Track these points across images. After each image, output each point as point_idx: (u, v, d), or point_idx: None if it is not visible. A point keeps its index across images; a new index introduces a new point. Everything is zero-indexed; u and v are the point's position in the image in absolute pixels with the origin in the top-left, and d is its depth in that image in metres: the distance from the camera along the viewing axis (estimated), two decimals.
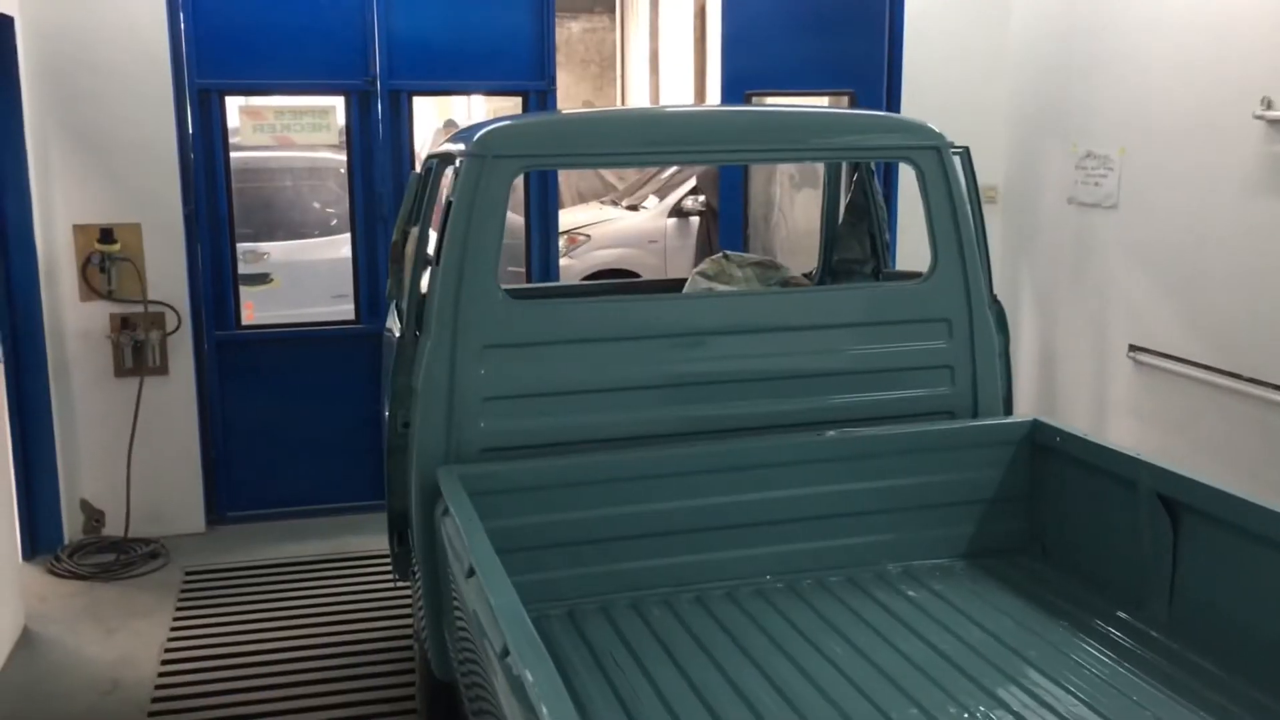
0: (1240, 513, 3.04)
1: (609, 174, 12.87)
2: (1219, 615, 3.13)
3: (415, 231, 3.95)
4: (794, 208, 9.12)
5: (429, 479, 3.43)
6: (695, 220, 10.91)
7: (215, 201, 6.11)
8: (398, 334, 3.76)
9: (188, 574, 5.51)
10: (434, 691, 3.84)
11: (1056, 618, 3.41)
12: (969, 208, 3.91)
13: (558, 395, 3.61)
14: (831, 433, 3.76)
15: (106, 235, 5.74)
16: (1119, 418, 5.98)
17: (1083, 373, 6.30)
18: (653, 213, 11.12)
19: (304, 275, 8.71)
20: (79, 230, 5.75)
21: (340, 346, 6.37)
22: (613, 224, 11.11)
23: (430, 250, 3.70)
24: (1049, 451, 3.79)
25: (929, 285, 3.92)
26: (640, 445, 3.63)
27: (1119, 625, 3.33)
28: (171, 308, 5.88)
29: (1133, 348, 5.83)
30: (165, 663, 4.63)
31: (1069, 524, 3.75)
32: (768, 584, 3.66)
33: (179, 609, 5.12)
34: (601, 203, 12.02)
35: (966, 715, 2.87)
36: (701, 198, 10.86)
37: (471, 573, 2.77)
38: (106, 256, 5.73)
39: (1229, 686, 2.97)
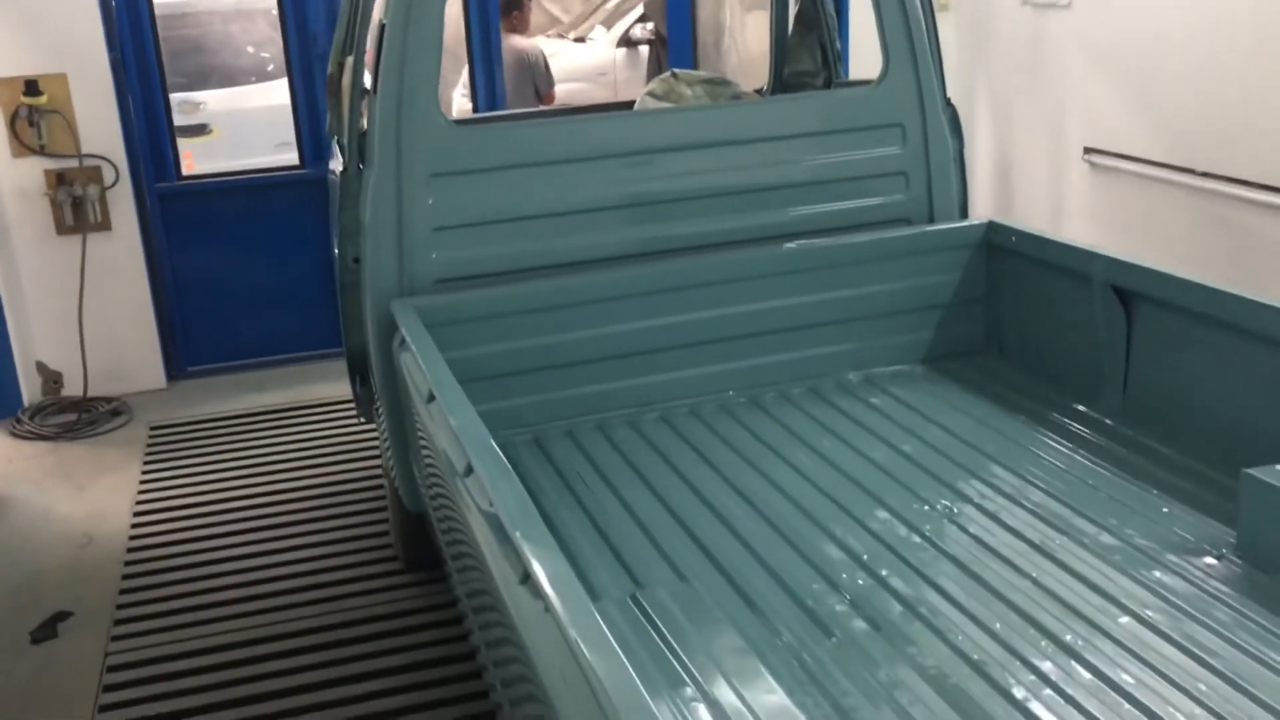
0: (1190, 296, 3.07)
1: (554, 7, 12.45)
2: (1170, 400, 3.20)
3: (350, 61, 3.80)
4: (744, 31, 8.88)
5: (384, 313, 3.38)
6: (645, 50, 10.62)
7: (142, 47, 5.86)
8: (341, 170, 3.67)
9: (153, 429, 5.49)
10: (406, 524, 3.89)
11: (1015, 413, 3.46)
12: (920, 9, 3.80)
13: (509, 222, 3.55)
14: (788, 245, 3.73)
15: (32, 87, 5.51)
16: (1075, 220, 5.99)
17: (1038, 177, 6.28)
18: (600, 44, 10.80)
19: (244, 125, 8.45)
20: (2, 84, 5.51)
21: (287, 193, 6.23)
22: (559, 59, 10.80)
23: (367, 80, 3.57)
24: (1004, 252, 3.79)
25: (881, 90, 3.85)
26: (596, 268, 3.60)
27: (1075, 417, 3.39)
28: (108, 160, 5.69)
29: (1088, 150, 5.79)
30: (138, 514, 4.65)
31: (1025, 323, 3.78)
32: (731, 399, 3.69)
33: (147, 463, 5.13)
34: (547, 36, 11.65)
35: (932, 512, 2.93)
36: (650, 25, 10.55)
37: (431, 398, 2.75)
38: (34, 110, 5.51)
39: (1180, 465, 3.05)
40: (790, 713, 1.86)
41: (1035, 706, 2.18)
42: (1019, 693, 2.22)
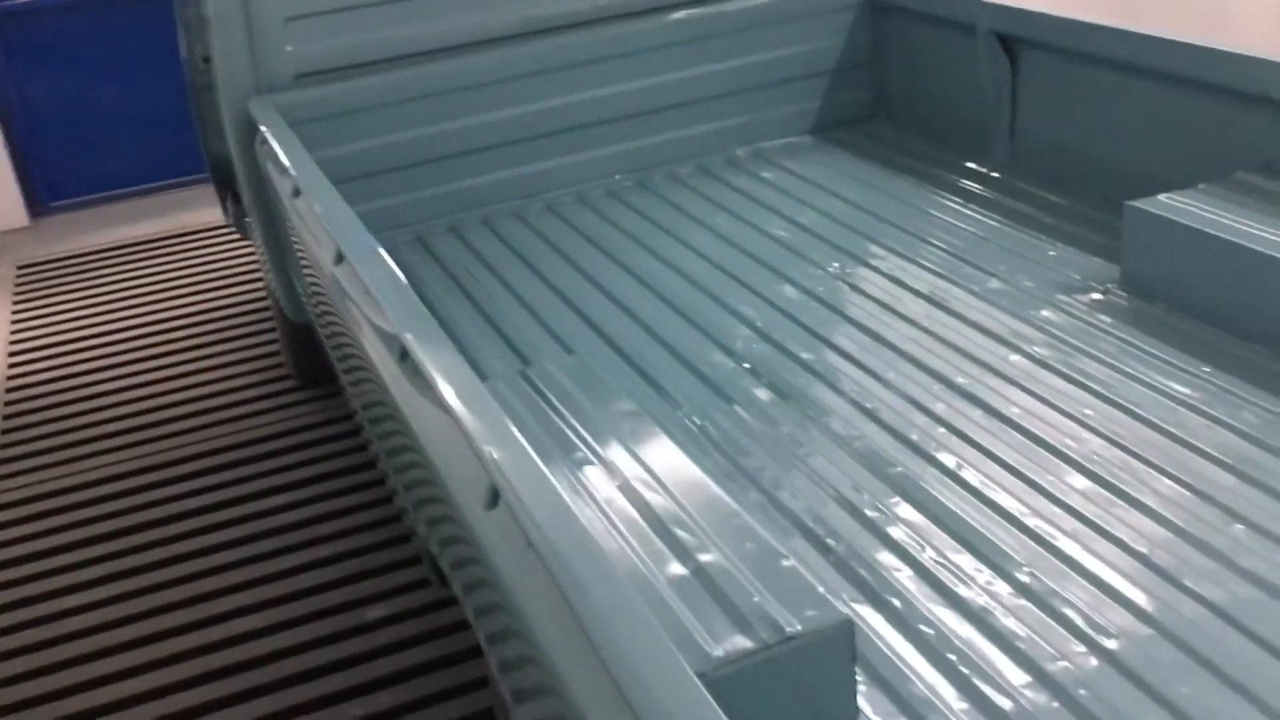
0: (1072, 37, 3.02)
1: None
2: (1056, 147, 3.19)
3: None
4: None
5: (241, 114, 3.18)
6: None
7: None
8: None
9: (20, 268, 5.21)
10: (295, 339, 3.76)
11: (906, 175, 3.42)
12: None
13: (369, 7, 3.32)
14: (666, 18, 3.57)
15: None
16: None
17: None
18: None
19: None
20: None
21: (139, 9, 5.78)
22: None
23: None
24: (887, 11, 3.68)
25: None
26: (467, 51, 3.40)
27: (965, 173, 3.36)
28: None
29: None
30: (13, 354, 4.44)
31: (912, 84, 3.71)
32: (619, 183, 3.59)
33: (16, 302, 4.88)
34: None
35: (828, 277, 2.90)
36: None
37: (296, 193, 2.61)
38: None
39: (1068, 210, 3.06)
40: (689, 470, 1.83)
41: (931, 447, 2.20)
42: (914, 435, 2.24)
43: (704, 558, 1.64)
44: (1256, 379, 2.25)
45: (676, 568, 1.63)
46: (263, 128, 2.98)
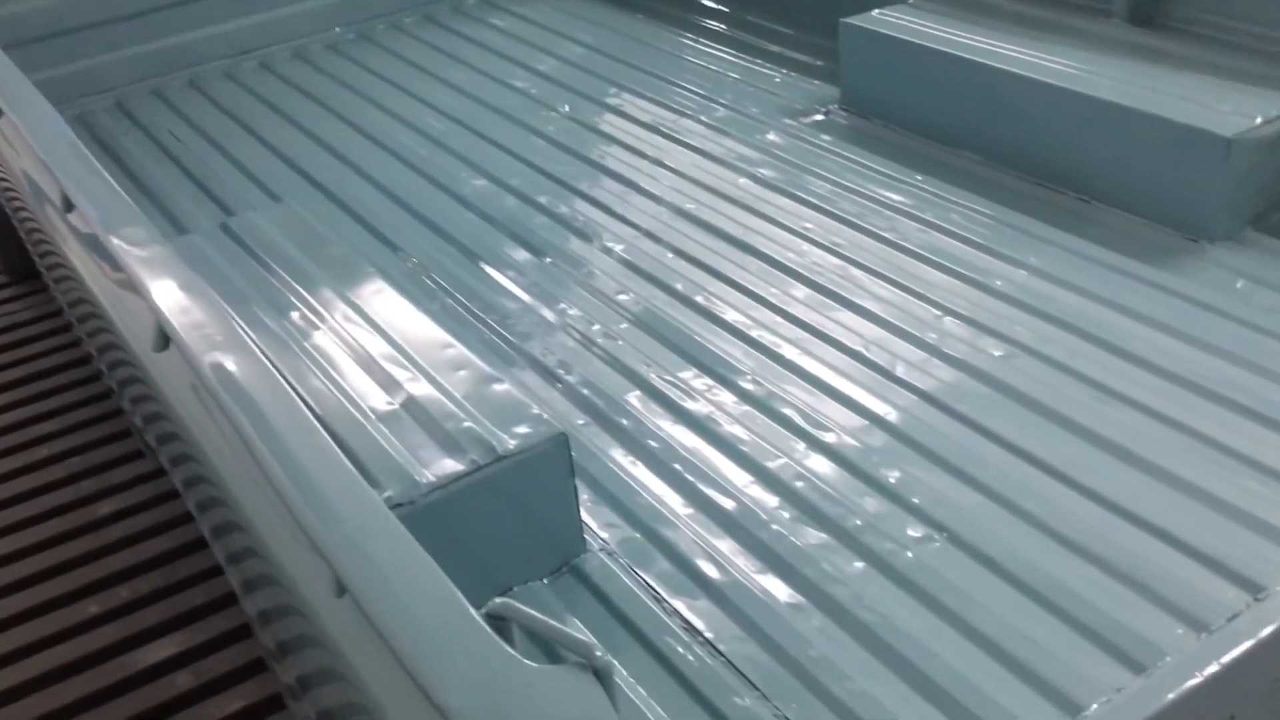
0: None
1: None
2: None
3: None
4: None
5: None
6: None
7: None
8: None
9: None
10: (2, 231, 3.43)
11: (638, 15, 3.36)
12: None
13: None
14: None
15: None
16: None
17: None
18: None
19: None
20: None
21: None
22: None
23: None
24: None
25: None
26: None
27: (702, 12, 3.33)
28: None
29: None
30: None
31: None
32: (339, 36, 3.38)
33: None
34: None
35: (571, 125, 2.81)
36: None
37: None
38: None
39: (792, 38, 3.07)
40: (402, 307, 1.75)
41: (660, 273, 2.18)
42: (644, 264, 2.22)
43: (415, 389, 1.57)
44: (965, 183, 2.33)
45: (386, 402, 1.56)
46: None
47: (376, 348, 1.66)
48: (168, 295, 1.42)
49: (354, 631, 0.97)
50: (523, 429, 1.49)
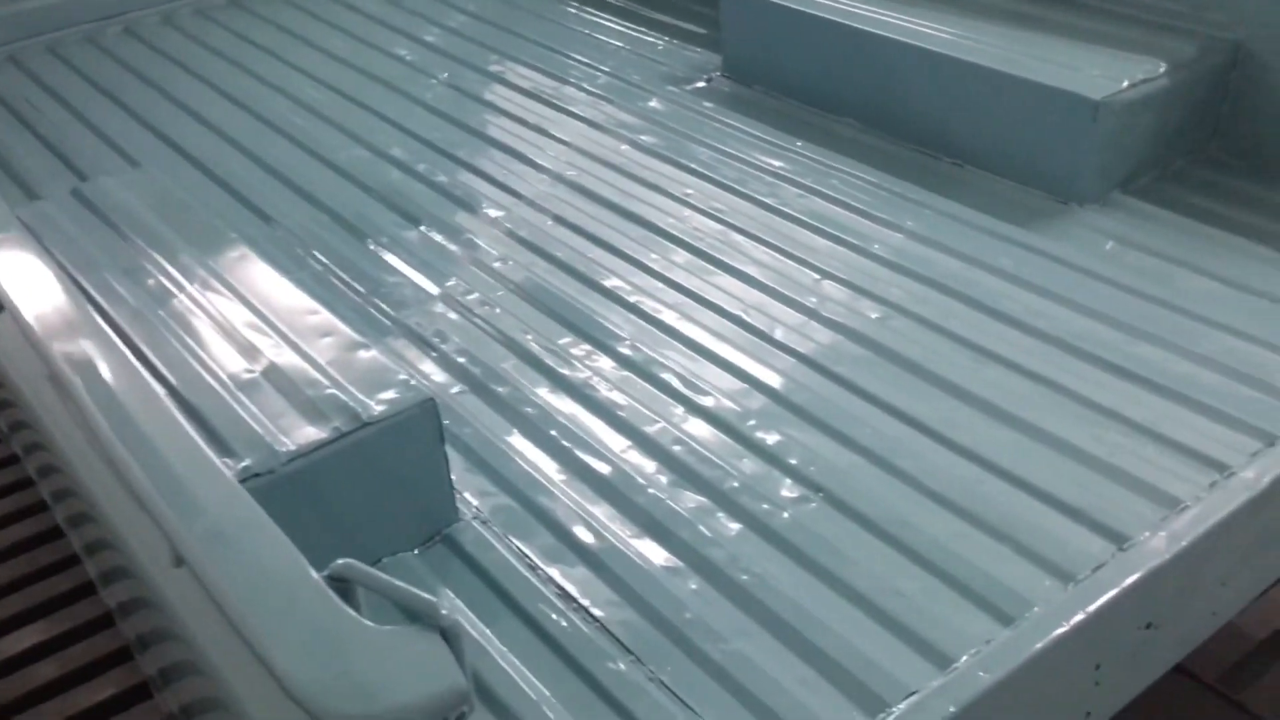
0: None
1: None
2: None
3: None
4: None
5: None
6: None
7: None
8: None
9: None
10: None
11: None
12: None
13: None
14: None
15: None
16: None
17: None
18: None
19: None
20: None
21: None
22: None
23: None
24: None
25: None
26: None
27: None
28: None
29: None
30: None
31: None
32: (210, 1, 3.26)
33: None
34: None
35: (468, 98, 2.73)
36: None
37: None
38: None
39: (676, 5, 3.04)
40: (264, 272, 1.68)
41: (541, 240, 2.15)
42: (524, 232, 2.18)
43: (277, 357, 1.51)
44: (844, 149, 2.33)
45: (246, 369, 1.49)
46: None
47: (238, 315, 1.59)
48: (3, 262, 1.34)
49: (192, 598, 0.92)
50: (389, 394, 1.44)
